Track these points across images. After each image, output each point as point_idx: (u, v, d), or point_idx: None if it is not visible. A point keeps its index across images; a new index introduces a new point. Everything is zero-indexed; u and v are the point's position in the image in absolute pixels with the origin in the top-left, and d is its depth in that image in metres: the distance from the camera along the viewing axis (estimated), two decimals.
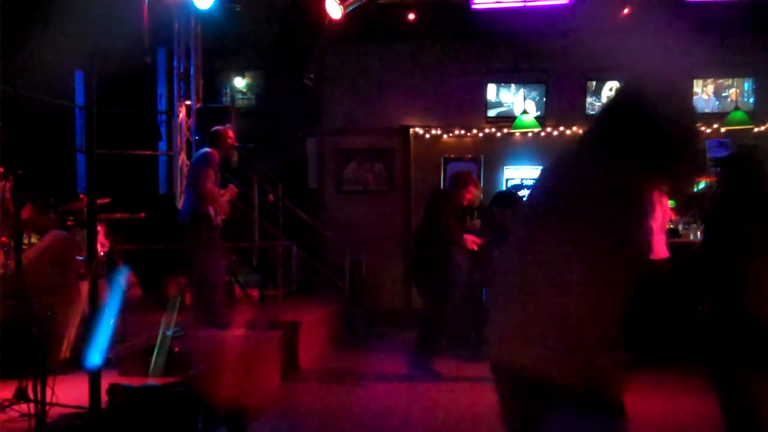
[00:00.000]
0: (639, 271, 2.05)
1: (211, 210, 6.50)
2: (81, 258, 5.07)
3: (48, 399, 3.68)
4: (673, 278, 7.21)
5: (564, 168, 2.29)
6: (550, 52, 9.93)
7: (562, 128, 10.58)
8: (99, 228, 4.86)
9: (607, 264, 2.05)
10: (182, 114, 9.58)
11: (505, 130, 10.58)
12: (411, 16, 10.14)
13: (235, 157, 8.27)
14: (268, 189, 9.18)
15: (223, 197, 6.76)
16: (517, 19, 9.44)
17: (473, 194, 7.31)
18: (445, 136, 10.90)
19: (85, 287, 4.47)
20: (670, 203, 9.67)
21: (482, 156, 10.74)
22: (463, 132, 10.82)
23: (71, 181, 8.78)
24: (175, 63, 9.50)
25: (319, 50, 9.74)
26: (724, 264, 4.27)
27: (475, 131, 10.78)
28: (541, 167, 2.44)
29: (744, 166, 4.54)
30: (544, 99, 10.41)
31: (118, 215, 6.17)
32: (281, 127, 11.08)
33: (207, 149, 6.68)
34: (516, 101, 10.49)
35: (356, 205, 10.90)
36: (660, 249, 7.26)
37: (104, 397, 3.88)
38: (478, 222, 7.61)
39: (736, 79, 10.30)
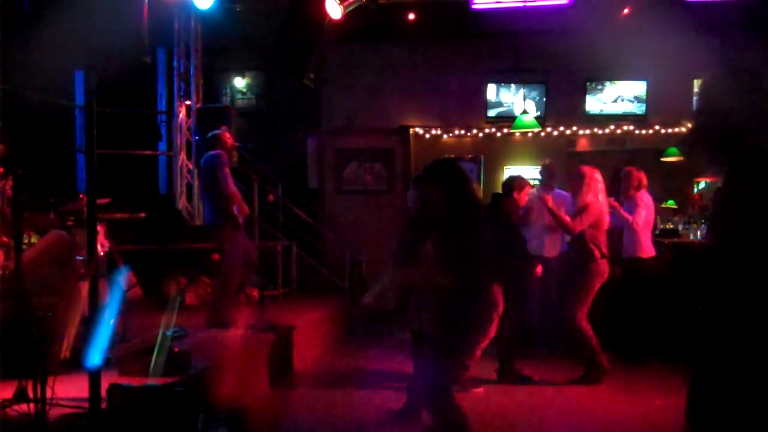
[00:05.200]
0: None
1: (234, 209, 6.55)
2: (81, 258, 5.06)
3: (48, 399, 3.67)
4: (660, 276, 7.22)
5: None
6: (550, 52, 9.93)
7: (562, 128, 10.59)
8: (99, 228, 4.85)
9: None
10: (182, 114, 9.59)
11: (505, 130, 10.58)
12: (411, 16, 10.15)
13: (234, 158, 8.28)
14: (268, 189, 9.18)
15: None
16: (517, 19, 9.46)
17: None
18: (445, 136, 10.89)
19: (85, 287, 4.46)
20: (670, 203, 9.68)
21: (482, 156, 10.74)
22: (463, 132, 10.82)
23: (71, 181, 8.77)
24: (175, 63, 9.51)
25: (319, 50, 9.73)
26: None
27: (475, 131, 10.78)
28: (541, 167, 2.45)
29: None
30: (544, 99, 10.41)
31: (118, 215, 6.16)
32: (281, 127, 11.08)
33: (216, 151, 6.67)
34: (516, 101, 10.49)
35: (356, 205, 10.90)
36: (647, 247, 7.26)
37: (104, 397, 3.88)
38: None
39: None
